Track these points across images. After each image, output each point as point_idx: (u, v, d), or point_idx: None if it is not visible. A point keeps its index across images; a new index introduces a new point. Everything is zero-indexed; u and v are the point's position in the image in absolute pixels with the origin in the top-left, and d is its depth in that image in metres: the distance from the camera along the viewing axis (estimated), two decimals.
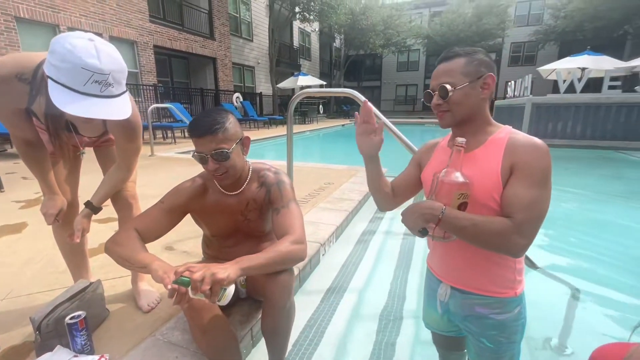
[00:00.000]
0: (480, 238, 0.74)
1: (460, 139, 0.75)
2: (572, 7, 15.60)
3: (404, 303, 1.82)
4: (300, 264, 1.91)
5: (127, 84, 1.03)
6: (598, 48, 11.56)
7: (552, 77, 10.36)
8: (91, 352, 1.18)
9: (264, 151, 8.00)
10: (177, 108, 7.56)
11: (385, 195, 1.03)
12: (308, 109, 16.51)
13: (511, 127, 0.84)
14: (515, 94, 9.65)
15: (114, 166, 1.34)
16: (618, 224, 3.28)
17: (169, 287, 0.87)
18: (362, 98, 2.06)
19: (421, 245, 2.52)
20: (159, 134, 8.69)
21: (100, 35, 8.35)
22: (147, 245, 1.11)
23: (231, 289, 0.92)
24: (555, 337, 1.57)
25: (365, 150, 0.95)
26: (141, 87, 9.15)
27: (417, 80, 27.47)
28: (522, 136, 0.79)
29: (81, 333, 1.15)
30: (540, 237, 2.71)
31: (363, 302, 1.84)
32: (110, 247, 1.08)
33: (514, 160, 0.76)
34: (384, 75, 28.76)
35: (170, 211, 1.18)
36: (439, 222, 0.73)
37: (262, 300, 1.25)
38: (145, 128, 6.92)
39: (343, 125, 16.39)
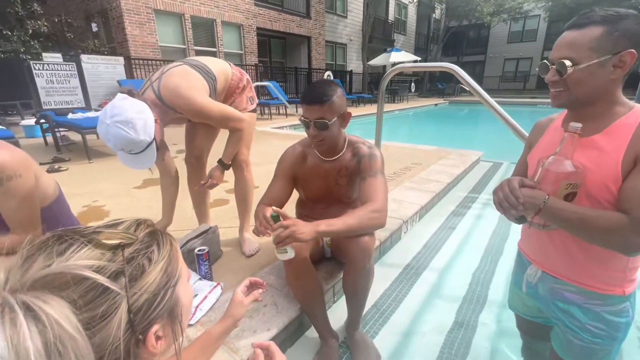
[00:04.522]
0: (587, 232, 0.68)
1: (575, 125, 0.66)
2: None
3: (488, 290, 1.75)
4: (382, 236, 1.98)
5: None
6: None
7: None
8: (211, 279, 1.50)
9: (350, 129, 8.04)
10: (274, 86, 8.16)
11: None
12: (399, 87, 15.78)
13: None
14: None
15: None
16: None
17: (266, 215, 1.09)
18: (463, 73, 1.94)
19: (516, 236, 2.31)
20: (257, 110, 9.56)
21: (214, 21, 9.42)
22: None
23: (291, 253, 1.06)
24: None
25: None
26: (245, 67, 10.10)
27: (533, 53, 23.36)
28: None
29: (205, 263, 1.46)
30: None
31: (444, 282, 1.83)
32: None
33: None
34: (490, 48, 25.32)
35: (283, 178, 1.37)
36: (538, 212, 0.68)
37: (344, 262, 1.38)
38: None
39: (436, 104, 15.28)
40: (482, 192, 3.23)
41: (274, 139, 5.57)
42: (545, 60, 0.75)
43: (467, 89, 1.91)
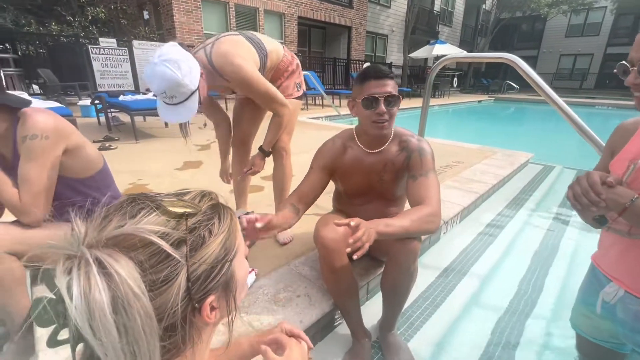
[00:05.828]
0: None
1: None
2: None
3: (536, 303, 1.61)
4: None
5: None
6: None
7: None
8: None
9: None
10: (312, 76, 8.11)
11: None
12: (440, 81, 15.06)
13: None
14: None
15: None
16: None
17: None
18: (524, 65, 1.77)
19: (569, 245, 2.11)
20: None
21: (256, 9, 9.49)
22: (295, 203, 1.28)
23: None
24: None
25: None
26: None
27: (594, 49, 21.31)
28: None
29: None
30: None
31: (486, 291, 1.71)
32: None
33: None
34: (544, 43, 23.47)
35: (320, 171, 1.31)
36: (622, 212, 0.60)
37: (382, 260, 1.31)
38: None
39: (479, 101, 14.46)
40: (530, 196, 2.99)
41: (309, 128, 5.55)
42: (624, 62, 0.66)
43: (530, 83, 1.74)
